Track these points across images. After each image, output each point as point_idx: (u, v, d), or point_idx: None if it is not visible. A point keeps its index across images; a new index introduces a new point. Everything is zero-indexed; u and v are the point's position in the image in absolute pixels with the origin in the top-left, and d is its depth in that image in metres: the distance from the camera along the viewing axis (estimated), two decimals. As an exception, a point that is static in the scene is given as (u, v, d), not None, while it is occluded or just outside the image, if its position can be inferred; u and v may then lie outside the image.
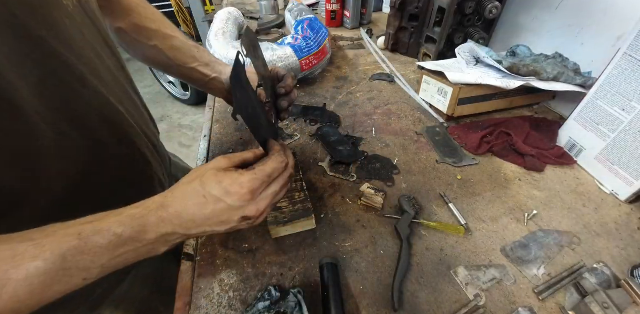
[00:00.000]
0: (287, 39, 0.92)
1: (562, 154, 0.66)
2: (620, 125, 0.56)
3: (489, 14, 0.81)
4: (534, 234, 0.52)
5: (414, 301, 0.44)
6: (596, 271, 0.47)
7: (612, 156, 0.58)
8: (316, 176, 0.63)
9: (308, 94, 0.89)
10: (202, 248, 0.51)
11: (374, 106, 0.83)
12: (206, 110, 0.85)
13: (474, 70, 0.75)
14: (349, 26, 1.30)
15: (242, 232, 0.53)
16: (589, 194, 0.60)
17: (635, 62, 0.52)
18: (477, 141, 0.68)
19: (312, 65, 0.91)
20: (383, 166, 0.65)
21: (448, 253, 0.50)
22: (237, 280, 0.47)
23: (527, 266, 0.48)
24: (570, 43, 0.74)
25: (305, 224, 0.52)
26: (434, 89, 0.77)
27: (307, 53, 0.88)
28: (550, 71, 0.68)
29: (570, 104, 0.74)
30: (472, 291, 0.45)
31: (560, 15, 0.75)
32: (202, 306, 0.44)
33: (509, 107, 0.79)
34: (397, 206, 0.56)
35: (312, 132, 0.74)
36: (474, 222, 0.54)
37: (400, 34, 1.05)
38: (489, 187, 0.61)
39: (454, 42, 0.88)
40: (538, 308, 0.43)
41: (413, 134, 0.74)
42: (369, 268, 0.48)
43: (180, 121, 2.62)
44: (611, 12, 0.65)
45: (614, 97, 0.56)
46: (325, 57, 0.97)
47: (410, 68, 1.00)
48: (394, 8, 0.98)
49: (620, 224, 0.54)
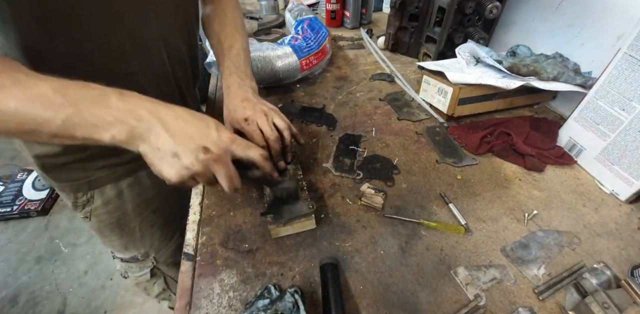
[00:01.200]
0: (287, 38, 0.92)
1: (562, 154, 0.66)
2: (620, 125, 0.56)
3: (489, 14, 0.81)
4: (534, 234, 0.52)
5: (414, 301, 0.44)
6: (596, 271, 0.47)
7: (612, 156, 0.58)
8: (316, 176, 0.63)
9: (308, 94, 0.89)
10: (202, 248, 0.51)
11: (374, 106, 0.83)
12: (206, 110, 0.85)
13: (474, 70, 0.75)
14: (349, 26, 1.30)
15: (242, 233, 0.53)
16: (589, 194, 0.60)
17: (635, 62, 0.52)
18: (477, 141, 0.68)
19: (312, 65, 0.91)
20: (383, 166, 0.65)
21: (448, 253, 0.50)
22: (237, 280, 0.47)
23: (527, 266, 0.48)
24: (570, 43, 0.74)
25: (306, 224, 0.52)
26: (434, 89, 0.77)
27: (307, 53, 0.88)
28: (550, 71, 0.68)
29: (570, 104, 0.74)
30: (472, 291, 0.45)
31: (560, 15, 0.75)
32: (202, 306, 0.44)
33: (509, 107, 0.79)
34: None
35: (314, 131, 0.74)
36: (474, 222, 0.54)
37: (400, 33, 1.04)
38: (489, 187, 0.61)
39: (454, 42, 0.88)
40: (538, 308, 0.43)
41: (413, 134, 0.74)
42: (369, 268, 0.48)
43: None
44: (611, 12, 0.65)
45: (614, 97, 0.56)
46: (326, 57, 0.97)
47: (410, 68, 1.00)
48: (394, 8, 0.98)
49: (620, 224, 0.54)
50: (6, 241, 1.69)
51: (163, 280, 0.86)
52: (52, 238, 1.70)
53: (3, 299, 1.43)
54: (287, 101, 0.86)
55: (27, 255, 1.62)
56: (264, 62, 0.84)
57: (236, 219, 0.55)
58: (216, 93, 0.92)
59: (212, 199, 0.59)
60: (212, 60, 0.89)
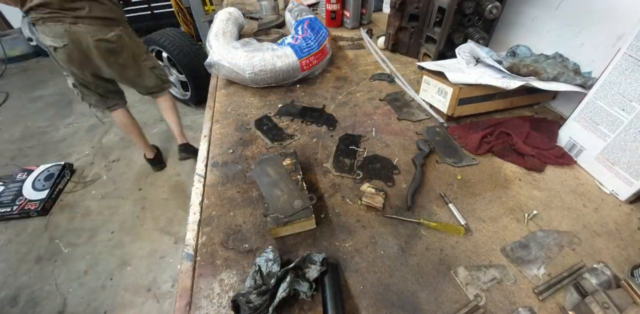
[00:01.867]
0: (287, 39, 0.92)
1: (562, 154, 0.66)
2: (620, 125, 0.56)
3: (489, 14, 0.81)
4: (534, 234, 0.52)
5: (414, 301, 0.44)
6: (596, 271, 0.47)
7: (612, 156, 0.58)
8: (316, 176, 0.63)
9: (308, 94, 0.89)
10: (202, 248, 0.51)
11: (374, 106, 0.83)
12: (206, 110, 0.85)
13: (474, 71, 0.75)
14: (349, 26, 1.30)
15: (242, 233, 0.53)
16: (589, 194, 0.60)
17: (635, 62, 0.52)
18: (477, 141, 0.68)
19: (312, 65, 0.91)
20: (383, 166, 0.65)
21: (448, 253, 0.50)
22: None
23: (527, 266, 0.48)
24: (570, 43, 0.74)
25: (306, 224, 0.52)
26: (434, 89, 0.77)
27: (307, 53, 0.88)
28: (550, 71, 0.68)
29: (570, 104, 0.74)
30: (472, 291, 0.45)
31: (560, 15, 0.75)
32: (202, 306, 0.44)
33: (509, 107, 0.79)
34: (414, 156, 0.65)
35: (314, 131, 0.74)
36: (474, 222, 0.54)
37: (400, 34, 1.05)
38: (489, 187, 0.61)
39: (454, 42, 0.88)
40: (538, 308, 0.43)
41: (413, 134, 0.74)
42: (369, 268, 0.48)
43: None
44: (611, 12, 0.65)
45: (614, 97, 0.56)
46: (326, 57, 0.97)
47: (410, 68, 1.00)
48: (394, 8, 0.98)
49: (620, 224, 0.54)
50: (6, 241, 1.69)
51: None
52: (52, 238, 1.69)
53: (3, 299, 1.43)
54: (287, 101, 0.86)
55: (27, 255, 1.62)
56: (264, 63, 0.84)
57: (236, 219, 0.55)
58: (216, 93, 0.92)
59: (212, 199, 0.59)
60: (212, 61, 0.89)
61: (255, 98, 0.88)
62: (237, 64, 0.85)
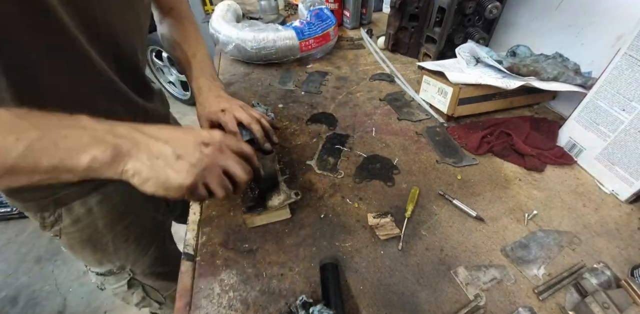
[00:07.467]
0: (295, 22, 1.01)
1: (562, 154, 0.66)
2: (620, 125, 0.56)
3: (489, 14, 0.81)
4: (534, 234, 0.52)
5: (414, 301, 0.44)
6: (596, 271, 0.47)
7: (612, 156, 0.58)
8: (316, 176, 0.63)
9: (308, 95, 0.89)
10: (202, 248, 0.51)
11: (374, 106, 0.83)
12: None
13: (474, 71, 0.75)
14: (348, 26, 1.30)
15: (242, 233, 0.53)
16: (589, 194, 0.60)
17: (635, 62, 0.52)
18: (477, 141, 0.68)
19: (310, 47, 1.00)
20: (383, 166, 0.65)
21: (448, 253, 0.50)
22: (237, 280, 0.47)
23: (527, 266, 0.48)
24: (570, 43, 0.74)
25: (281, 213, 0.53)
26: (434, 89, 0.77)
27: (307, 36, 0.97)
28: (550, 71, 0.68)
29: (570, 104, 0.74)
30: (472, 291, 0.45)
31: (560, 15, 0.75)
32: (202, 306, 0.44)
33: (509, 107, 0.79)
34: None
35: (314, 131, 0.74)
36: (474, 222, 0.54)
37: (400, 34, 1.04)
38: (489, 187, 0.61)
39: (454, 42, 0.88)
40: (538, 308, 0.43)
41: (413, 134, 0.74)
42: (369, 268, 0.48)
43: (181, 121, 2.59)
44: (611, 12, 0.65)
45: (614, 97, 0.56)
46: (327, 43, 1.04)
47: (410, 68, 1.00)
48: (394, 8, 0.98)
49: (620, 224, 0.54)
50: (6, 241, 1.69)
51: (142, 289, 0.80)
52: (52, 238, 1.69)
53: (3, 299, 1.43)
54: (287, 101, 0.86)
55: (27, 255, 1.62)
56: (265, 40, 0.94)
57: (236, 219, 0.55)
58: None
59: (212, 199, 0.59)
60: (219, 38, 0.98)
61: (255, 98, 0.88)
62: (245, 39, 0.95)
